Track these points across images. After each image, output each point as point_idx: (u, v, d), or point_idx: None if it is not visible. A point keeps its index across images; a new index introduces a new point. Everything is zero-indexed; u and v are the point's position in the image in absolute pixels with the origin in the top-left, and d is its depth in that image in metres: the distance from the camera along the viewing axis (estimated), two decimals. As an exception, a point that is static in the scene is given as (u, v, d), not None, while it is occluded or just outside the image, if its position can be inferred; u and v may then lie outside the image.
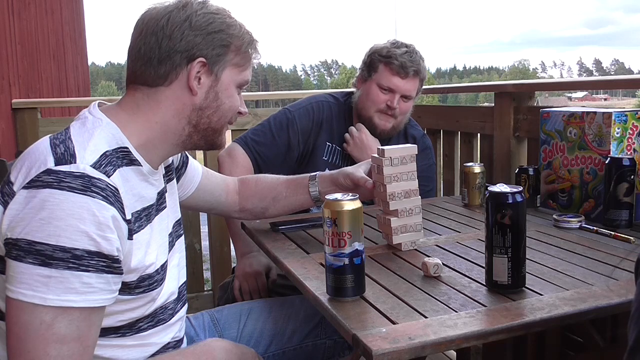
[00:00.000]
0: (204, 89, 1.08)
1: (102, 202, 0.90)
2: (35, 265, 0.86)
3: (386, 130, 1.93)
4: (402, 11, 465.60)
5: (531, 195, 1.67)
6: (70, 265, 0.87)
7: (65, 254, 0.87)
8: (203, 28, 1.06)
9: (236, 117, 1.16)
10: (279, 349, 1.40)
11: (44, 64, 4.15)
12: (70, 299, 0.88)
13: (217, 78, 1.09)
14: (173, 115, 1.08)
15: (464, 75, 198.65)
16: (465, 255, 1.26)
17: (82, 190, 0.89)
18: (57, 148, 0.95)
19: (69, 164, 0.91)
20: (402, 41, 1.94)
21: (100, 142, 0.99)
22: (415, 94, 1.94)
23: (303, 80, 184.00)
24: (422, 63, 1.91)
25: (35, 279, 0.86)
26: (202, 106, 1.09)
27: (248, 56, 1.13)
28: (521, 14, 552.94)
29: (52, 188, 0.88)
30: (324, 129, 1.95)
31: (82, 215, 0.88)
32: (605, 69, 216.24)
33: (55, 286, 0.87)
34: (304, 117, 1.94)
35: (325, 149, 1.95)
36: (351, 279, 1.00)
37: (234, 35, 1.09)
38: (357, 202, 1.00)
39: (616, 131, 1.48)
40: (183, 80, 1.06)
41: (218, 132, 1.14)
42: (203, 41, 1.06)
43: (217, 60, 1.08)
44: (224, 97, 1.10)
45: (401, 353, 0.83)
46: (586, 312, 0.96)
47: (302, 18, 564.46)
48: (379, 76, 1.89)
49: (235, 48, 1.09)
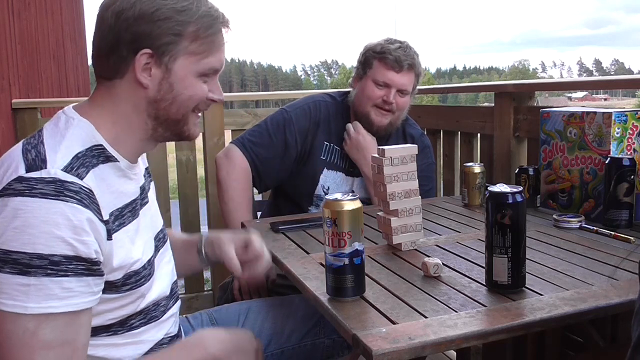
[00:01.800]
0: (155, 81, 1.02)
1: (76, 205, 0.89)
2: (14, 275, 0.85)
3: (383, 127, 1.91)
4: (402, 11, 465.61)
5: (531, 195, 1.67)
6: (48, 272, 0.86)
7: (43, 261, 0.86)
8: (148, 16, 0.99)
9: (207, 103, 1.09)
10: (278, 348, 1.40)
11: (44, 64, 4.15)
12: (52, 305, 0.87)
13: (169, 69, 1.02)
14: (132, 109, 1.04)
15: (464, 75, 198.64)
16: (465, 255, 1.26)
17: (54, 195, 0.88)
18: (28, 154, 0.93)
19: (39, 170, 0.90)
20: (396, 38, 1.94)
21: (72, 143, 0.97)
22: (412, 89, 1.93)
23: (303, 80, 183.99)
24: (416, 58, 1.90)
25: (14, 288, 0.85)
26: (157, 98, 1.03)
27: (211, 41, 1.04)
28: (521, 14, 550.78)
29: (23, 196, 0.87)
30: (322, 128, 1.95)
31: (57, 221, 0.87)
32: (605, 69, 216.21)
33: (35, 294, 0.86)
34: (301, 116, 1.93)
35: (324, 148, 1.95)
36: (351, 279, 1.00)
37: (185, 21, 1.00)
38: (357, 202, 1.00)
39: (616, 131, 1.48)
40: (134, 73, 1.01)
41: (182, 122, 1.08)
42: (149, 31, 0.99)
43: (167, 50, 1.01)
44: (180, 88, 1.03)
45: (401, 353, 0.83)
46: (586, 312, 0.96)
47: (302, 18, 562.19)
48: (374, 72, 1.89)
49: (189, 35, 1.01)
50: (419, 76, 1.94)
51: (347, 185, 1.96)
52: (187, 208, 2.83)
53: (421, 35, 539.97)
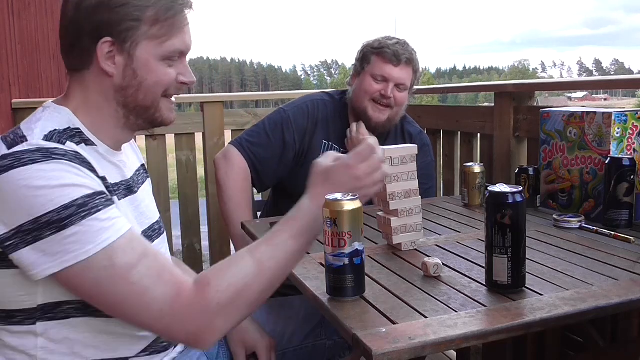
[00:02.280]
0: (120, 69, 1.02)
1: (68, 162, 0.91)
2: (55, 234, 0.87)
3: (381, 122, 1.91)
4: (402, 11, 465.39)
5: (531, 195, 1.67)
6: (82, 215, 0.88)
7: (70, 209, 0.87)
8: (106, 4, 0.99)
9: (178, 87, 1.09)
10: (280, 350, 1.40)
11: (44, 64, 4.15)
12: (105, 237, 0.89)
13: (131, 55, 1.02)
14: (102, 98, 1.05)
15: (464, 75, 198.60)
16: (465, 255, 1.26)
17: (45, 159, 0.89)
18: (6, 139, 0.95)
19: (21, 144, 0.92)
20: (393, 36, 1.94)
21: (46, 125, 0.98)
22: (410, 85, 1.92)
23: (303, 80, 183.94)
24: (414, 54, 1.90)
25: (64, 244, 0.87)
26: (123, 86, 1.04)
27: (172, 23, 1.03)
28: (521, 14, 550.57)
29: (14, 168, 0.88)
30: (320, 127, 1.94)
31: (58, 175, 0.88)
32: (605, 69, 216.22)
33: (85, 237, 0.88)
34: (299, 115, 1.93)
35: (322, 147, 1.94)
36: (351, 279, 1.00)
37: (143, 6, 1.00)
38: (357, 202, 1.00)
39: (616, 131, 1.48)
40: (98, 62, 1.02)
41: (153, 108, 1.08)
42: (108, 18, 0.99)
43: (127, 36, 1.00)
44: (144, 74, 1.03)
45: (401, 353, 0.83)
46: (586, 312, 0.96)
47: (302, 18, 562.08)
48: (372, 67, 1.89)
49: (149, 19, 1.01)
50: (417, 72, 1.94)
51: None
52: (187, 208, 2.83)
53: (421, 35, 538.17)
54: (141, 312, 0.91)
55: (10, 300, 0.95)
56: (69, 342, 0.98)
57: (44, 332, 0.97)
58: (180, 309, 0.91)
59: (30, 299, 0.95)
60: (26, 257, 0.88)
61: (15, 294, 0.95)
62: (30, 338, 0.97)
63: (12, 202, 0.87)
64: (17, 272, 0.92)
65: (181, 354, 1.19)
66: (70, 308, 0.97)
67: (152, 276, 0.91)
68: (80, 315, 0.98)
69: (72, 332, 0.98)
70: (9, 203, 0.87)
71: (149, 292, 0.90)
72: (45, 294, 0.95)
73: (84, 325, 0.98)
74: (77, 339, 0.99)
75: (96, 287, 0.90)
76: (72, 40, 1.03)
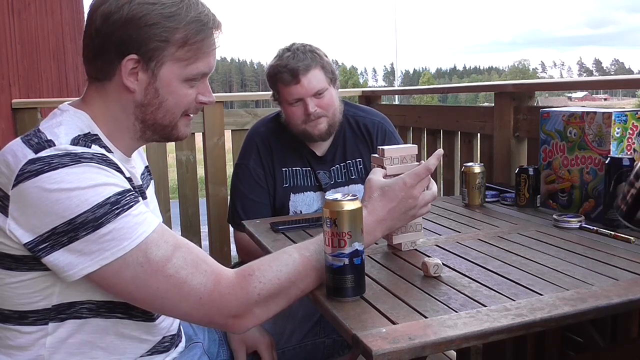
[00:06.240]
0: (142, 86, 1.03)
1: (96, 164, 0.92)
2: (92, 233, 0.87)
3: (324, 132, 1.89)
4: (402, 11, 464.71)
5: (531, 195, 1.67)
6: (116, 213, 0.89)
7: (104, 207, 0.88)
8: (136, 22, 0.98)
9: (197, 107, 1.10)
10: (279, 349, 1.40)
11: (44, 64, 4.15)
12: (139, 232, 0.90)
13: (155, 75, 1.02)
14: (121, 110, 1.05)
15: (464, 75, 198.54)
16: (465, 255, 1.26)
17: (73, 162, 0.90)
18: (30, 142, 0.95)
19: (49, 148, 0.92)
20: (286, 46, 1.88)
21: (69, 129, 0.99)
22: (329, 81, 1.86)
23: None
24: (309, 54, 1.83)
25: (100, 242, 0.88)
26: (144, 103, 1.04)
27: (199, 47, 1.03)
28: (522, 14, 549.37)
29: (44, 173, 0.88)
30: (274, 157, 1.95)
31: (89, 176, 0.89)
32: (605, 69, 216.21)
33: (121, 234, 0.89)
34: (255, 159, 1.94)
35: (283, 175, 1.95)
36: (351, 279, 1.00)
37: (173, 27, 1.00)
38: (357, 202, 1.00)
39: (616, 131, 1.48)
40: (120, 77, 1.02)
41: (170, 127, 1.09)
42: (136, 36, 0.99)
43: (153, 56, 1.00)
44: (165, 94, 1.04)
45: (401, 353, 0.83)
46: (586, 312, 0.96)
47: (302, 18, 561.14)
48: (282, 95, 1.87)
49: (177, 41, 1.01)
50: (325, 67, 1.86)
51: (319, 202, 1.95)
52: (187, 208, 2.84)
53: (421, 35, 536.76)
54: (181, 303, 0.93)
55: (25, 301, 0.96)
56: (77, 342, 0.99)
57: (54, 332, 0.97)
58: (219, 297, 0.93)
59: (45, 300, 0.96)
60: (62, 259, 0.89)
61: (31, 295, 0.95)
62: (40, 338, 0.97)
63: (43, 205, 0.87)
64: (37, 275, 0.93)
65: (181, 353, 1.20)
66: (83, 308, 0.98)
67: (188, 267, 0.92)
68: (90, 316, 0.99)
69: (81, 332, 0.99)
70: (40, 207, 0.87)
71: (187, 283, 0.92)
72: (61, 295, 0.96)
73: (93, 325, 0.99)
74: (85, 339, 0.99)
75: (133, 283, 0.91)
76: (97, 50, 1.02)
